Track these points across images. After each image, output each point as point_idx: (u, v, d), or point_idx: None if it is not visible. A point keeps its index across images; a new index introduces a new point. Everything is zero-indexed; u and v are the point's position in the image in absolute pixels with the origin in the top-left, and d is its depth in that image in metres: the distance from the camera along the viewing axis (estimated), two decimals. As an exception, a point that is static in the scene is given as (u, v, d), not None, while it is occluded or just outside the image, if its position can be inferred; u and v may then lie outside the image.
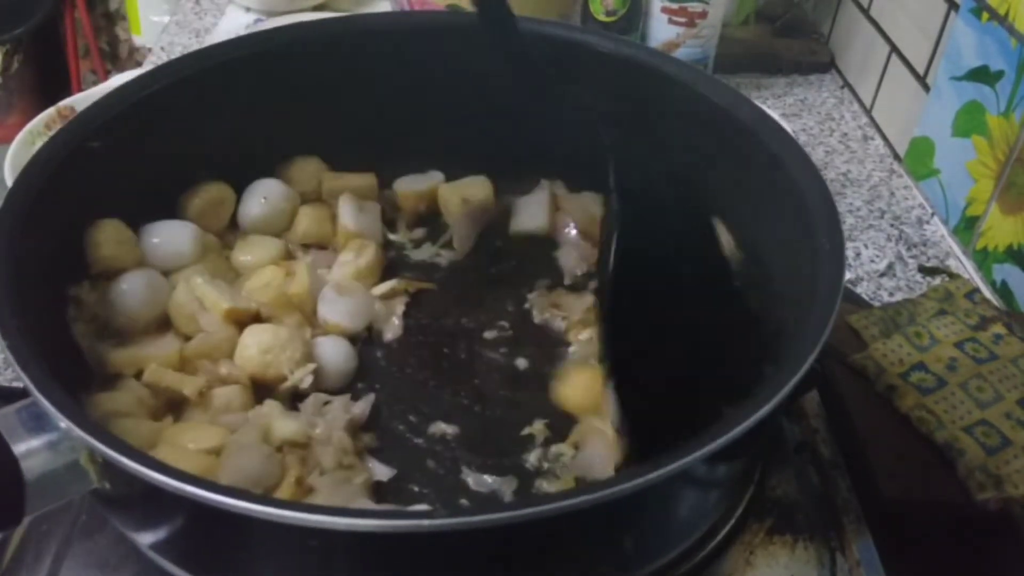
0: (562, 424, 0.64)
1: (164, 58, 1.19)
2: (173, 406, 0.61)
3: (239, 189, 0.75)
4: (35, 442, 0.43)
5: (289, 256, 0.73)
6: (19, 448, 0.43)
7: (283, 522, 0.39)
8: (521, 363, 0.69)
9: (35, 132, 0.93)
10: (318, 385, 0.64)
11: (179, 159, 0.70)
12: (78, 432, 0.42)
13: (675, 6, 1.06)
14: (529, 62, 0.69)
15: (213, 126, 0.71)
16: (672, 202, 0.71)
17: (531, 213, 0.80)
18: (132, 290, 0.64)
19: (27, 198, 0.56)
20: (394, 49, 0.75)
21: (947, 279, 0.85)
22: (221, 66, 0.70)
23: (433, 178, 0.80)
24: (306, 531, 0.40)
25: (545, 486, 0.60)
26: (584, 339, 0.70)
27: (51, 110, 0.95)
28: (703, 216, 0.70)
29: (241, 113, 0.72)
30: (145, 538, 0.50)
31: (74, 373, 0.58)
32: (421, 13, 1.04)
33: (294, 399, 0.63)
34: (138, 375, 0.61)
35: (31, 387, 0.43)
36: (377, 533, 0.40)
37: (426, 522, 0.41)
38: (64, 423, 0.42)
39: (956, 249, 0.91)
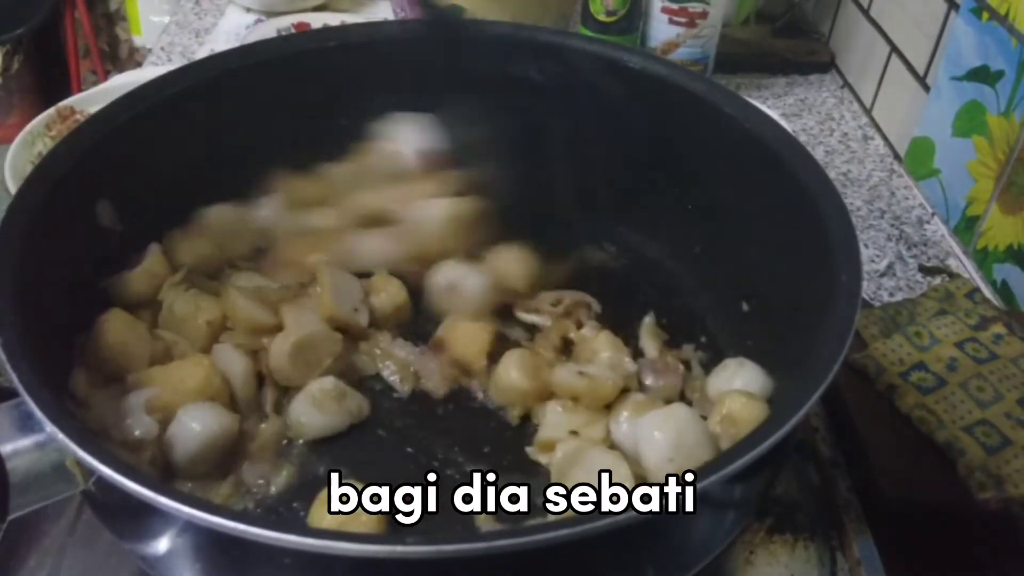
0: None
1: (164, 58, 1.19)
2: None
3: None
4: (23, 442, 0.43)
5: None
6: (6, 448, 0.43)
7: (260, 542, 0.39)
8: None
9: (35, 132, 0.92)
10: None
11: (195, 164, 0.69)
12: (62, 438, 0.41)
13: (675, 6, 1.05)
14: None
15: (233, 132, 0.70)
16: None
17: None
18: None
19: (40, 193, 0.55)
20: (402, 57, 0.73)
21: (947, 279, 0.85)
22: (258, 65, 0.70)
23: None
24: (284, 551, 0.39)
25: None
26: None
27: (51, 110, 0.95)
28: None
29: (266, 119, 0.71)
30: (129, 544, 0.50)
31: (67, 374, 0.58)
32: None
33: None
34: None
35: (19, 388, 0.43)
36: (369, 559, 0.39)
37: (426, 548, 0.39)
38: (49, 427, 0.42)
39: (956, 249, 0.91)
